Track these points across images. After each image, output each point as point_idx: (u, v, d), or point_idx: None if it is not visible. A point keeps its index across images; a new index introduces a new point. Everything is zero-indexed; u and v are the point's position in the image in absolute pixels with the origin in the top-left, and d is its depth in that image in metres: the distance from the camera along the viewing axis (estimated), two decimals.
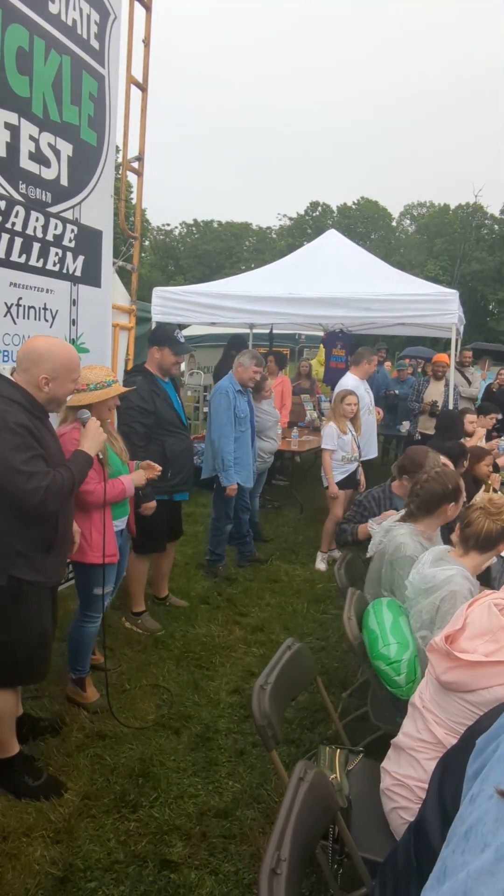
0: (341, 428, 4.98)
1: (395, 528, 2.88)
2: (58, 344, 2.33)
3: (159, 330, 4.00)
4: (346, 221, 51.85)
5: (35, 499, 2.11)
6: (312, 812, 1.46)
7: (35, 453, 2.15)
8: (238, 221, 55.89)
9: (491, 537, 2.38)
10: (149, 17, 4.29)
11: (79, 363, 2.37)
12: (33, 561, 2.24)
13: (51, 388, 2.24)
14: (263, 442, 5.37)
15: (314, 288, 6.06)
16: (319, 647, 3.78)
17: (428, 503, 2.82)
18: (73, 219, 3.44)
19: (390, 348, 18.02)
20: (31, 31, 2.98)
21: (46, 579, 2.31)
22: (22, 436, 2.12)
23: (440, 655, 1.79)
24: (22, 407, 2.17)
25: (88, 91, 3.50)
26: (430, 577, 2.34)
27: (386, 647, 2.30)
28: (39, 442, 2.20)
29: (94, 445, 2.48)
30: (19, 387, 2.22)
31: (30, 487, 2.10)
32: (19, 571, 2.20)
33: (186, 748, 2.79)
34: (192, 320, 6.92)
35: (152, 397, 3.65)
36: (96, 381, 2.81)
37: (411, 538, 2.77)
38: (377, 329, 8.57)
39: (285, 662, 2.07)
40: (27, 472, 2.09)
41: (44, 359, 2.22)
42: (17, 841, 2.22)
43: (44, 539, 2.28)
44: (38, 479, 2.12)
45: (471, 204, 43.11)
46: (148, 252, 49.94)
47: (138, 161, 4.50)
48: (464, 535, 2.44)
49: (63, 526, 2.38)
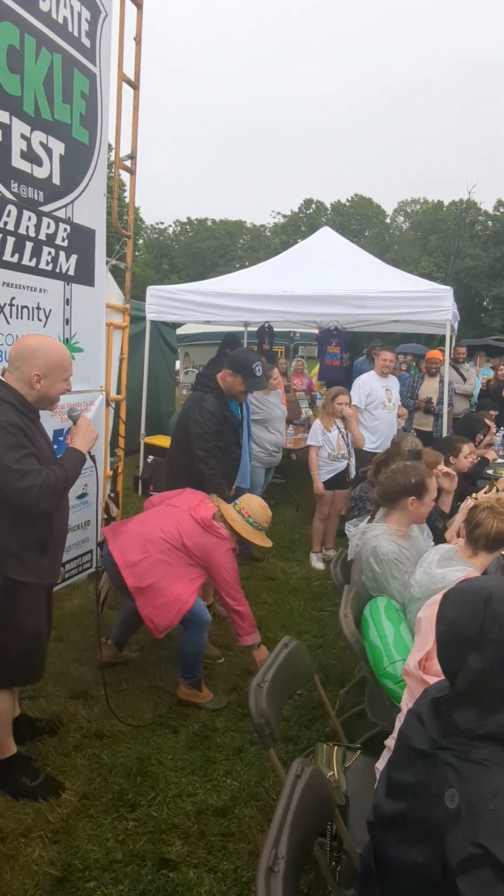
0: (326, 425, 4.98)
1: (370, 530, 2.83)
2: (50, 342, 2.33)
3: (241, 356, 3.64)
4: (340, 219, 51.85)
5: (29, 497, 2.11)
6: (310, 809, 1.46)
7: (28, 452, 2.15)
8: (232, 219, 55.90)
9: (501, 537, 2.37)
10: (140, 15, 4.27)
11: (71, 363, 2.37)
12: (28, 562, 2.23)
13: (42, 385, 2.24)
14: (270, 434, 5.34)
15: (308, 285, 6.06)
16: (316, 644, 3.78)
17: (389, 493, 2.81)
18: (65, 218, 3.43)
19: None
20: (21, 29, 2.97)
21: (41, 580, 2.30)
22: (14, 435, 2.11)
23: (416, 681, 1.76)
24: (13, 407, 2.17)
25: (80, 89, 3.49)
26: (439, 578, 2.31)
27: (392, 664, 2.26)
28: (32, 441, 2.20)
29: (86, 443, 2.47)
30: (10, 387, 2.22)
31: (23, 486, 2.09)
32: (13, 572, 2.19)
33: (184, 747, 2.79)
34: (186, 319, 6.91)
35: (223, 422, 3.56)
36: (262, 523, 3.13)
37: (385, 540, 2.71)
38: (372, 326, 8.57)
39: (282, 660, 2.07)
40: (20, 471, 2.09)
41: (36, 356, 2.23)
42: (16, 841, 2.22)
43: (38, 540, 2.28)
44: (32, 478, 2.11)
45: (464, 200, 43.16)
46: (142, 251, 49.83)
47: (131, 159, 4.48)
48: (473, 537, 2.42)
49: (58, 526, 2.38)
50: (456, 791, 1.14)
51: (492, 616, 1.18)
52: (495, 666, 1.17)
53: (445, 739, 1.22)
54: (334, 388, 5.25)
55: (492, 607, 1.18)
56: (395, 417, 5.95)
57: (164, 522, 3.00)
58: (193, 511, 3.03)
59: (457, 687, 1.23)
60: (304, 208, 56.19)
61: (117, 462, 4.50)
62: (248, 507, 3.12)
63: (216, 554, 2.96)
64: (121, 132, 4.27)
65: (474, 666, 1.18)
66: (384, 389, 5.80)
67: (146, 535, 2.94)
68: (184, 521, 2.99)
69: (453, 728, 1.22)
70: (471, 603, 1.21)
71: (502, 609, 1.18)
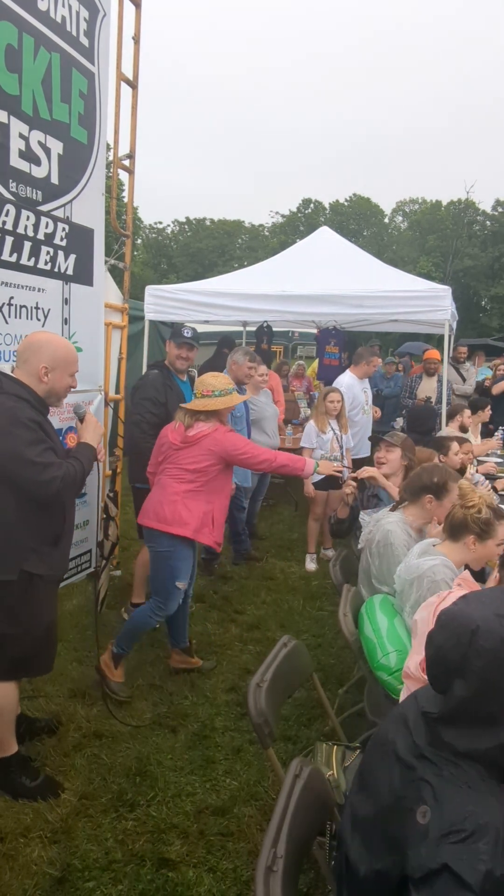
0: (321, 427, 4.94)
1: (385, 517, 2.91)
2: (57, 337, 2.46)
3: (173, 327, 4.09)
4: (338, 218, 51.85)
5: (52, 489, 2.20)
6: (309, 809, 1.46)
7: (47, 446, 2.25)
8: (230, 219, 55.87)
9: (457, 524, 2.39)
10: (138, 14, 4.27)
11: (77, 359, 2.45)
12: (42, 554, 2.30)
13: (50, 378, 2.32)
14: (262, 435, 5.28)
15: (307, 285, 6.06)
16: (315, 643, 3.78)
17: (412, 487, 2.91)
18: (64, 217, 3.42)
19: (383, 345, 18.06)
20: (19, 28, 2.96)
21: (53, 572, 2.38)
22: (34, 430, 2.21)
23: (417, 682, 1.76)
24: (30, 404, 2.26)
25: (78, 88, 3.48)
26: (414, 568, 2.37)
27: (385, 656, 2.27)
28: (49, 436, 2.30)
29: (95, 437, 2.58)
30: (24, 384, 2.29)
31: (46, 478, 2.18)
32: (31, 566, 2.26)
33: (183, 746, 2.79)
34: (184, 318, 6.88)
35: (165, 391, 3.72)
36: (220, 389, 3.05)
37: (399, 526, 2.81)
38: (370, 326, 8.57)
39: (281, 660, 2.07)
40: (42, 464, 2.18)
41: (43, 349, 2.32)
42: (15, 842, 2.22)
43: (52, 531, 2.36)
44: (54, 470, 2.20)
45: (462, 200, 43.24)
46: (140, 250, 49.80)
47: (129, 159, 4.48)
48: (444, 526, 2.50)
49: (69, 518, 2.46)
50: (429, 808, 1.16)
51: (475, 650, 1.19)
52: (478, 695, 1.19)
53: (429, 749, 1.24)
54: (326, 387, 5.25)
55: (476, 641, 1.19)
56: (370, 419, 5.97)
57: (168, 475, 3.07)
58: (174, 443, 3.07)
59: (443, 709, 1.25)
60: (303, 208, 56.20)
61: (116, 462, 4.50)
62: (203, 387, 3.10)
63: (220, 445, 3.00)
64: (119, 131, 4.27)
65: (459, 693, 1.20)
66: (363, 392, 5.79)
67: (165, 491, 3.04)
68: (178, 458, 3.05)
69: (438, 740, 1.23)
70: (457, 632, 1.22)
71: (486, 644, 1.18)
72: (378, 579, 2.78)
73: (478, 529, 2.34)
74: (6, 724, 2.40)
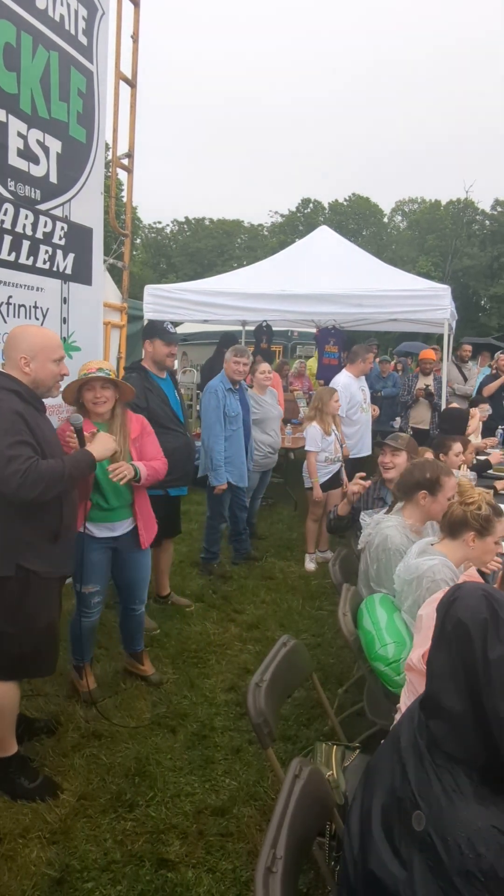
0: (325, 429, 4.92)
1: (385, 521, 2.88)
2: (32, 327, 2.46)
3: (149, 324, 4.09)
4: (337, 218, 51.82)
5: (11, 483, 2.08)
6: (309, 809, 1.46)
7: (20, 439, 2.14)
8: (230, 219, 55.80)
9: (455, 520, 2.38)
10: (137, 13, 4.26)
11: (60, 345, 2.41)
12: (40, 550, 2.26)
13: (32, 368, 2.29)
14: (265, 435, 5.30)
15: (306, 284, 6.06)
16: (315, 643, 3.78)
17: (404, 486, 2.86)
18: (62, 216, 3.42)
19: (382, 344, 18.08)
20: (18, 26, 2.96)
21: (54, 569, 2.34)
22: (11, 421, 2.13)
23: (419, 675, 1.75)
24: (19, 396, 2.22)
25: (77, 87, 3.48)
26: (413, 568, 2.35)
27: (383, 647, 2.28)
28: (33, 431, 2.21)
29: (100, 449, 2.51)
30: (13, 377, 2.27)
31: (7, 473, 2.07)
32: (27, 561, 2.22)
33: (182, 746, 2.78)
34: (184, 318, 6.90)
35: (145, 394, 3.64)
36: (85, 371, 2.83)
37: (398, 531, 2.76)
38: (370, 325, 8.57)
39: (281, 659, 2.06)
40: (7, 456, 2.08)
41: (18, 340, 2.31)
42: (13, 842, 2.21)
43: (49, 528, 2.31)
44: (17, 464, 2.09)
45: (462, 199, 43.26)
46: (139, 250, 49.79)
47: (128, 158, 4.47)
48: (441, 524, 2.48)
49: (68, 515, 2.41)
50: (423, 815, 1.16)
51: (450, 616, 1.23)
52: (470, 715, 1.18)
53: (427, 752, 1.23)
54: (327, 388, 5.22)
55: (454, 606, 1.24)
56: (370, 417, 5.91)
57: None
58: None
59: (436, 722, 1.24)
60: (302, 207, 56.16)
61: None
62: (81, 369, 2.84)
63: None
64: (118, 130, 4.26)
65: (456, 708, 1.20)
66: (360, 391, 5.73)
67: None
68: None
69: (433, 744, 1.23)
70: (444, 600, 1.27)
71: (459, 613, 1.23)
72: (376, 582, 2.77)
73: (477, 526, 2.34)
74: (7, 725, 2.39)
